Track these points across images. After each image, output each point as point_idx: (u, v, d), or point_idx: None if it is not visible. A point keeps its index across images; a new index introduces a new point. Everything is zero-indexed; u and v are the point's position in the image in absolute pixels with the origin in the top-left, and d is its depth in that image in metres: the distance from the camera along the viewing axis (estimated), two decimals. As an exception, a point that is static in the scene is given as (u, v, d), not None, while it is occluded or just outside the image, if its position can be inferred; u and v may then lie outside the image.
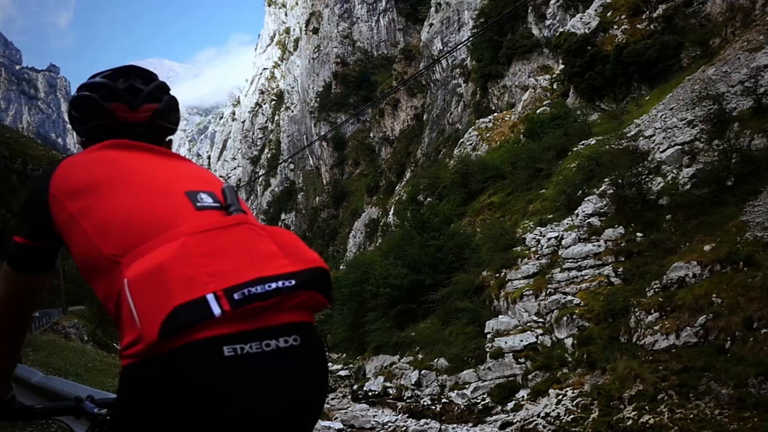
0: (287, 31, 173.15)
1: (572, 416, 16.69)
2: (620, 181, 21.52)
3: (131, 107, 1.64)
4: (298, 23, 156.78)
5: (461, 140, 59.24)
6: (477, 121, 60.52)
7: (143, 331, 1.15)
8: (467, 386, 20.27)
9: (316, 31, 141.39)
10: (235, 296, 1.18)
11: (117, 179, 1.43)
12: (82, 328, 28.52)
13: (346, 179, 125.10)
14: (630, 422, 15.27)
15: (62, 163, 1.50)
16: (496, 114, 61.78)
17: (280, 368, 1.21)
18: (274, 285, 1.22)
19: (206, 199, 1.43)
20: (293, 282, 1.24)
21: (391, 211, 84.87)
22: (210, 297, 1.17)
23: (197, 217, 1.36)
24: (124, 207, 1.36)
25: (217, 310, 1.16)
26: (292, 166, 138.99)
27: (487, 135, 55.07)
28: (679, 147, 22.51)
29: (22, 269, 1.53)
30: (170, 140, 1.80)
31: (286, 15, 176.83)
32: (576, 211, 23.17)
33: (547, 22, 69.70)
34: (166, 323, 1.14)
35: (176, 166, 1.55)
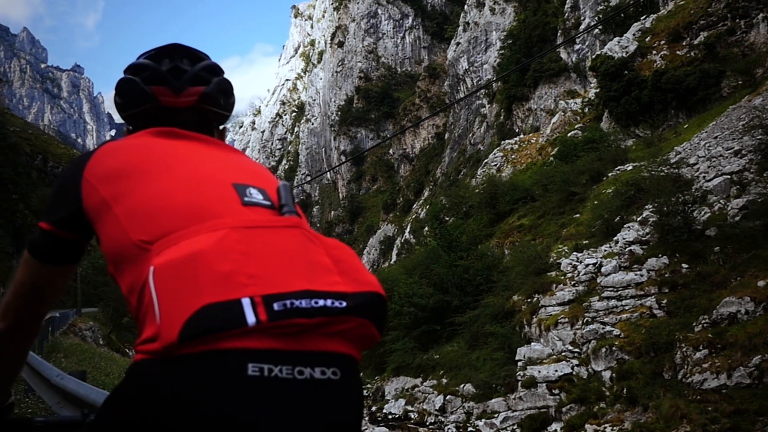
0: (312, 43, 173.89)
1: (612, 455, 15.72)
2: (665, 208, 20.59)
3: (175, 90, 1.49)
4: (324, 36, 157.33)
5: (485, 161, 58.59)
6: (503, 142, 59.83)
7: (162, 329, 1.01)
8: (496, 415, 19.32)
9: (341, 44, 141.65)
10: (275, 306, 1.03)
11: (157, 165, 1.28)
12: (98, 331, 27.85)
13: (363, 194, 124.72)
14: (677, 466, 14.28)
15: (100, 148, 1.37)
16: (522, 136, 61.15)
17: (309, 404, 1.04)
18: (321, 302, 1.05)
19: (256, 195, 1.27)
20: (344, 304, 1.07)
21: (408, 229, 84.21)
22: (245, 302, 1.02)
23: (243, 212, 1.21)
24: (161, 192, 1.22)
25: (251, 318, 1.01)
26: (309, 178, 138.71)
27: (513, 156, 54.44)
28: (727, 177, 21.61)
29: (44, 259, 1.36)
30: (224, 129, 1.62)
31: (311, 27, 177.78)
32: (615, 238, 22.27)
33: (576, 47, 69.31)
34: (189, 324, 0.99)
35: (227, 158, 1.39)
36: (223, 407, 0.99)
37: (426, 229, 60.46)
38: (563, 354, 19.57)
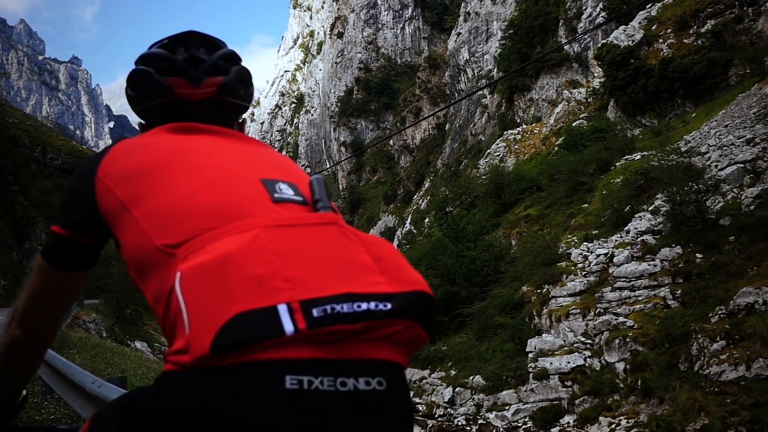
0: (311, 34, 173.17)
1: (628, 448, 15.45)
2: (677, 198, 20.28)
3: (192, 82, 1.40)
4: (323, 27, 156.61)
5: (488, 151, 58.26)
6: (505, 132, 59.48)
7: (192, 340, 0.94)
8: (507, 408, 19.05)
9: (340, 35, 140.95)
10: (314, 312, 0.94)
11: (178, 163, 1.20)
12: (101, 323, 27.50)
13: (363, 186, 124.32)
14: (696, 459, 14.02)
15: (115, 146, 1.30)
16: (524, 126, 60.78)
17: (353, 419, 0.95)
18: (364, 306, 0.97)
19: (286, 191, 1.20)
20: (389, 306, 0.98)
21: (409, 220, 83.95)
22: (282, 308, 0.94)
23: (274, 209, 1.13)
24: (183, 191, 1.14)
25: (289, 326, 0.93)
26: (308, 169, 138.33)
27: (515, 147, 54.15)
28: (740, 165, 21.29)
29: (58, 265, 1.29)
30: (243, 120, 1.53)
31: (311, 18, 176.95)
32: (626, 228, 21.96)
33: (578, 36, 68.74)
34: (221, 335, 0.92)
35: (251, 151, 1.31)
36: (258, 424, 0.91)
37: (427, 220, 60.30)
38: (575, 345, 19.30)
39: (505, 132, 60.24)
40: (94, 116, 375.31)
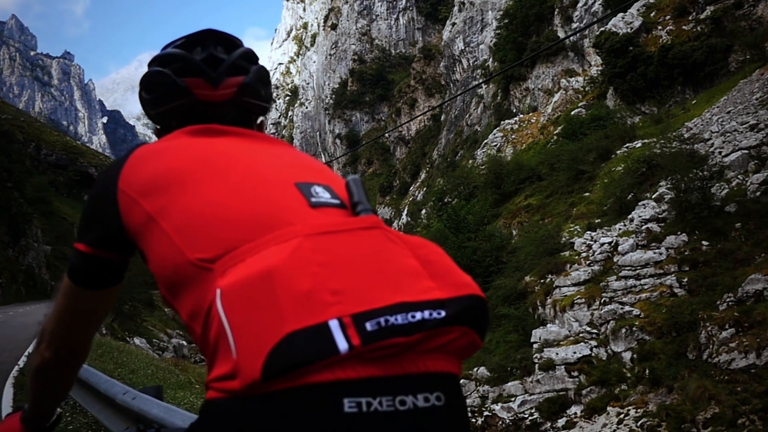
0: (305, 26, 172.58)
1: (637, 438, 15.27)
2: (682, 185, 20.07)
3: (211, 82, 1.34)
4: (316, 19, 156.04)
5: (485, 141, 58.04)
6: (502, 122, 59.25)
7: (240, 364, 0.88)
8: (513, 399, 18.86)
9: (334, 27, 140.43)
10: (368, 326, 0.89)
11: (205, 169, 1.14)
12: (100, 319, 27.23)
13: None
14: (708, 449, 13.84)
15: (133, 154, 1.23)
16: (521, 116, 60.53)
17: None
18: (419, 315, 0.91)
19: (323, 194, 1.14)
20: (443, 313, 0.93)
21: (405, 211, 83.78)
22: (333, 324, 0.88)
23: (313, 215, 1.08)
24: (215, 200, 1.08)
25: (342, 344, 0.87)
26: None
27: (513, 137, 53.99)
28: (745, 151, 21.09)
29: (85, 284, 1.24)
30: (262, 122, 1.47)
31: (304, 10, 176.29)
32: (630, 216, 21.76)
33: (574, 25, 68.45)
34: (272, 357, 0.87)
35: (279, 153, 1.26)
36: None
37: (424, 211, 60.08)
38: (581, 335, 19.11)
39: (502, 122, 60.05)
40: (87, 112, 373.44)
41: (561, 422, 17.48)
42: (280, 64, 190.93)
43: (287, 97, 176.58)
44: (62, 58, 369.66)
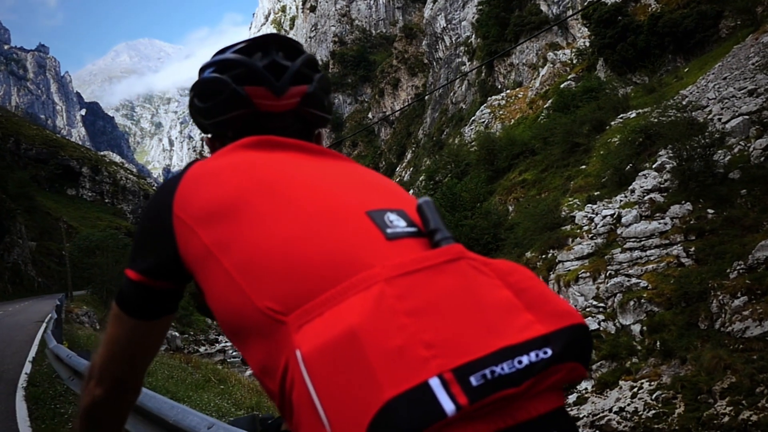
0: (283, 9, 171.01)
1: (653, 411, 15.05)
2: (683, 153, 19.77)
3: (275, 91, 1.23)
4: (295, 1, 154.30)
5: (472, 118, 57.63)
6: (489, 98, 58.84)
7: None
8: (522, 377, 18.61)
9: (313, 9, 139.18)
10: (472, 381, 0.78)
11: (268, 195, 1.04)
12: (94, 316, 26.74)
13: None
14: (727, 419, 13.62)
15: (187, 173, 1.13)
16: (508, 91, 60.12)
17: None
18: (525, 359, 0.80)
19: (398, 222, 1.00)
20: (549, 352, 0.82)
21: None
22: (434, 383, 0.77)
23: (391, 251, 0.94)
24: (282, 237, 0.97)
25: (449, 405, 0.76)
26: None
27: (501, 112, 53.66)
28: (746, 117, 20.80)
29: (137, 314, 1.15)
30: (319, 133, 1.36)
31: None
32: (631, 187, 21.48)
33: (557, -1, 68.08)
34: (374, 429, 0.76)
35: (343, 171, 1.14)
36: None
37: (412, 191, 59.72)
38: (587, 309, 18.84)
39: (489, 98, 59.62)
40: (65, 104, 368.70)
41: (572, 398, 17.25)
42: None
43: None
44: (37, 51, 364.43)
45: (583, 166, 26.78)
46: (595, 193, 23.51)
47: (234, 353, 37.45)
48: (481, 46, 77.58)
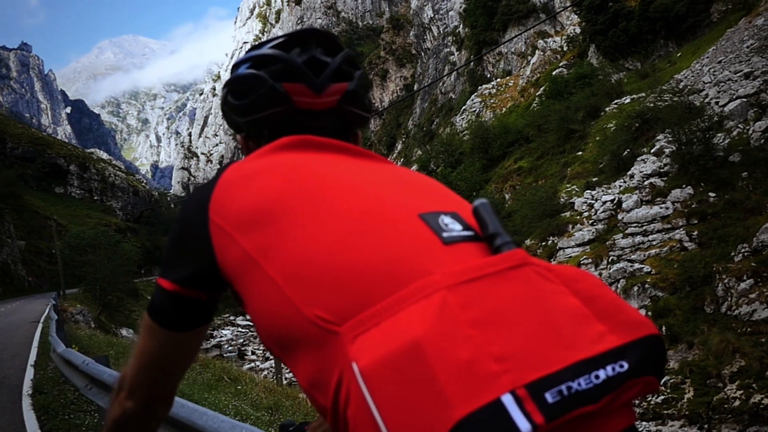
0: (268, 2, 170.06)
1: (662, 397, 14.97)
2: (683, 137, 19.65)
3: (314, 89, 1.15)
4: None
5: (464, 107, 57.45)
6: (479, 87, 58.68)
7: None
8: (526, 365, 18.53)
9: (298, 2, 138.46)
10: (548, 398, 0.71)
11: (311, 198, 0.96)
12: (88, 314, 26.41)
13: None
14: (738, 402, 13.55)
15: (223, 176, 1.06)
16: (498, 80, 59.98)
17: None
18: (602, 374, 0.73)
19: (453, 226, 0.90)
20: (625, 366, 0.74)
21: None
22: (507, 400, 0.70)
23: (449, 255, 0.85)
24: (330, 241, 0.89)
25: (524, 424, 0.69)
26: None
27: (491, 101, 53.51)
28: (743, 100, 20.70)
29: (171, 326, 1.08)
30: (356, 134, 1.27)
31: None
32: (630, 172, 21.37)
33: (544, -14, 67.91)
34: None
35: (388, 173, 1.05)
36: None
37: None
38: (590, 296, 18.73)
39: (479, 87, 59.45)
40: (49, 102, 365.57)
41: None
42: (245, 42, 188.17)
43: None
44: (19, 49, 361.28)
45: (580, 153, 26.68)
46: (593, 179, 23.40)
47: (230, 348, 37.27)
48: (470, 35, 77.40)
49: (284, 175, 1.02)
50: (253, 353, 35.74)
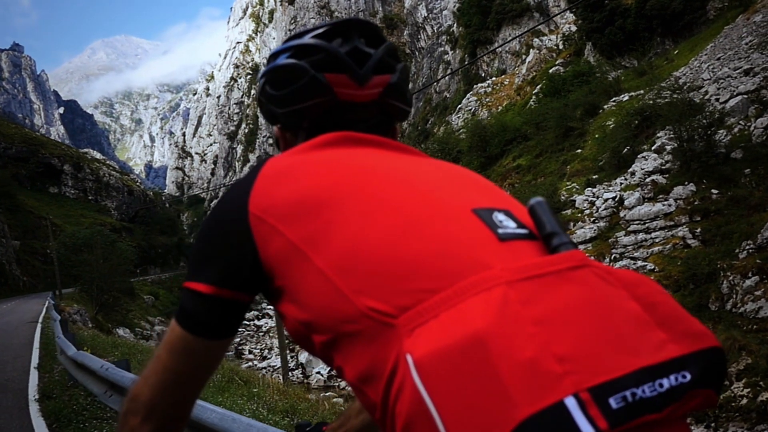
0: (261, 2, 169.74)
1: (667, 395, 14.88)
2: (684, 134, 19.60)
3: (357, 80, 1.12)
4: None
5: (459, 106, 57.39)
6: (475, 86, 58.63)
7: None
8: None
9: (291, 1, 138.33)
10: (612, 403, 0.68)
11: (359, 190, 0.93)
12: (85, 314, 26.26)
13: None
14: (745, 401, 13.46)
15: (263, 170, 1.02)
16: (494, 78, 59.96)
17: None
18: (666, 383, 0.70)
19: (507, 223, 0.88)
20: (687, 377, 0.71)
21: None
22: (570, 403, 0.67)
23: (505, 252, 0.82)
24: (384, 232, 0.86)
25: (587, 429, 0.66)
26: (271, 141, 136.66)
27: (487, 100, 53.45)
28: (744, 96, 20.67)
29: (206, 334, 1.00)
30: (394, 129, 1.23)
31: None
32: (631, 169, 21.32)
33: (539, -15, 67.93)
34: None
35: (436, 169, 1.03)
36: None
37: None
38: (593, 294, 18.68)
39: (474, 86, 59.39)
40: (42, 103, 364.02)
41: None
42: (238, 42, 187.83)
43: (249, 76, 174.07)
44: (11, 50, 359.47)
45: (579, 150, 26.63)
46: (593, 177, 23.35)
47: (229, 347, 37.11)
48: (464, 34, 77.34)
49: (329, 169, 0.98)
50: (250, 352, 35.59)
